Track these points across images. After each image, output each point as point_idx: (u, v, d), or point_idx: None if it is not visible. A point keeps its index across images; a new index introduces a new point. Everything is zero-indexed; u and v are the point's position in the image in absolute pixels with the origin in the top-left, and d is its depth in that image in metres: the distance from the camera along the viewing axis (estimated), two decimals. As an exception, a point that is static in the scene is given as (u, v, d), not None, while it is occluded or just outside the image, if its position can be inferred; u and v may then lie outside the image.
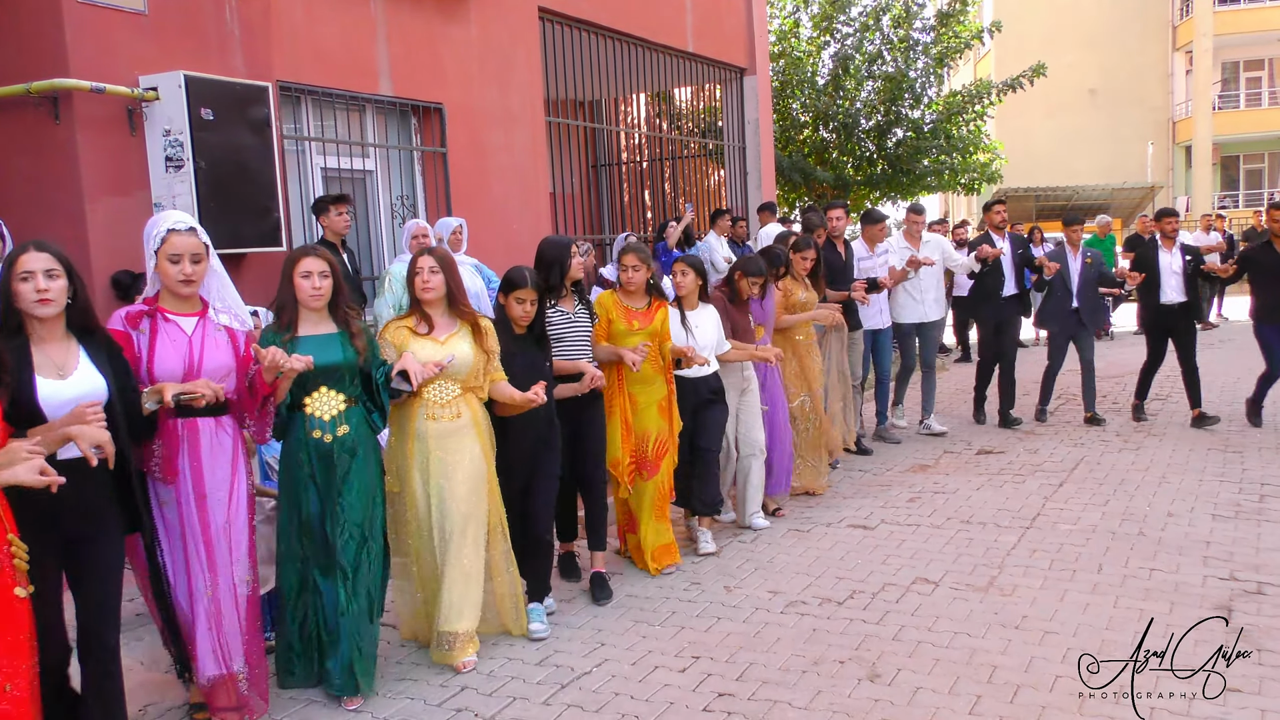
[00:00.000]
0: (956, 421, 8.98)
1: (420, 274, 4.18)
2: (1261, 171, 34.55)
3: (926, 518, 6.02)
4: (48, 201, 5.31)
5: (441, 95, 7.45)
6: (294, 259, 3.84)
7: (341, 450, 3.84)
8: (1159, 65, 34.46)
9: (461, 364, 4.15)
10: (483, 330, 4.25)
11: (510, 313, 4.53)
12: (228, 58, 5.92)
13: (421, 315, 4.20)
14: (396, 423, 4.20)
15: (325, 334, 3.87)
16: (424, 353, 4.07)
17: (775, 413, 6.22)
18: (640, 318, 5.19)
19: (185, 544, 3.50)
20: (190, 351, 3.49)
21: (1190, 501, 6.05)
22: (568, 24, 8.92)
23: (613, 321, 5.15)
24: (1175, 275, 8.14)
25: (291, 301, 3.83)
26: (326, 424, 3.83)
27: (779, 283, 6.40)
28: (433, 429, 4.14)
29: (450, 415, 4.16)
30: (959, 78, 23.76)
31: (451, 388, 4.17)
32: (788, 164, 15.36)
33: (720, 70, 11.62)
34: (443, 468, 4.13)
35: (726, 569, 5.30)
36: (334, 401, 3.85)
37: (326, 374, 3.82)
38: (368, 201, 7.37)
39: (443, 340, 4.15)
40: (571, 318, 4.91)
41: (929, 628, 4.37)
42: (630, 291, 5.22)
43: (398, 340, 4.15)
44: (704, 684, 3.94)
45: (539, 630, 4.51)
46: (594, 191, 11.52)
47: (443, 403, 4.15)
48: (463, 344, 4.17)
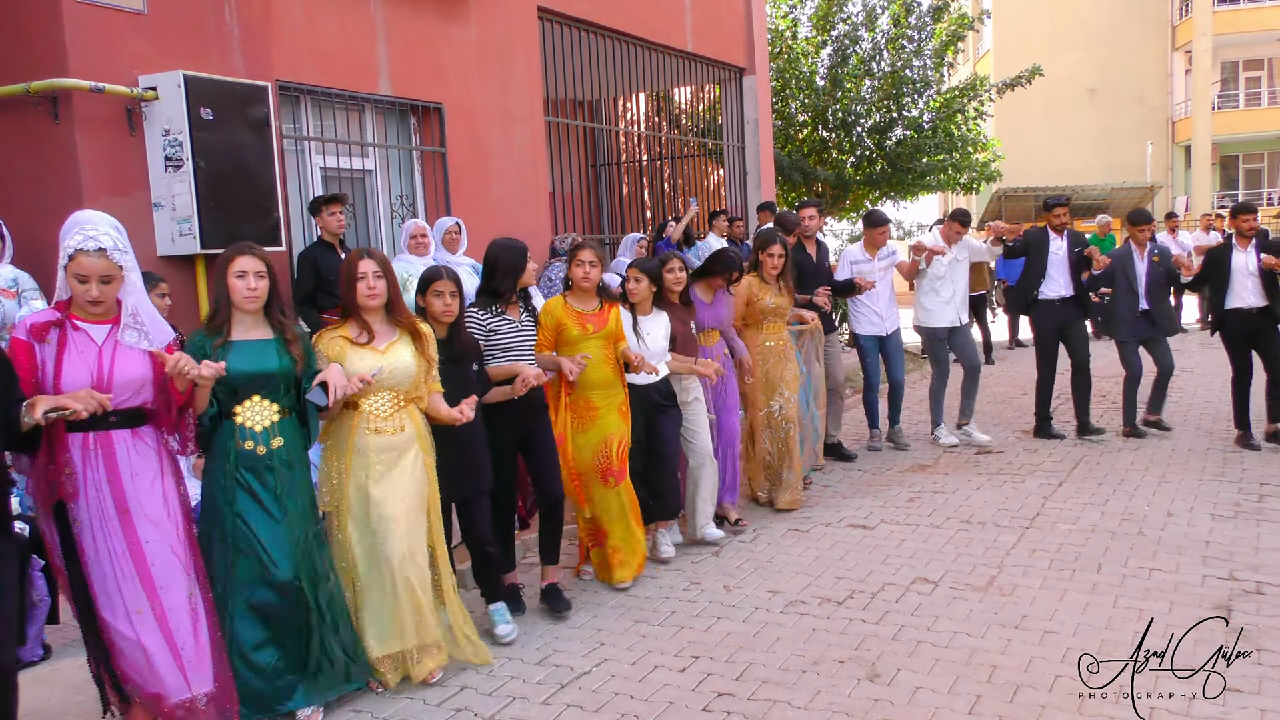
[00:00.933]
0: (956, 421, 8.97)
1: (364, 279, 3.89)
2: (1261, 171, 34.57)
3: (926, 517, 6.02)
4: (47, 201, 5.30)
5: (441, 95, 7.45)
6: (229, 257, 3.59)
7: (279, 463, 3.64)
8: (1158, 65, 34.48)
9: (403, 374, 3.93)
10: (423, 337, 4.02)
11: (431, 310, 4.26)
12: (227, 57, 5.92)
13: (361, 323, 3.93)
14: (333, 436, 3.95)
15: (259, 339, 3.64)
16: (362, 363, 3.83)
17: (725, 419, 6.01)
18: (594, 320, 4.96)
19: (111, 562, 3.29)
20: (100, 362, 3.28)
21: (1189, 501, 6.05)
22: (567, 23, 8.92)
23: (565, 328, 4.90)
24: (1251, 277, 7.28)
25: (225, 303, 3.60)
26: (259, 435, 3.60)
27: (732, 286, 6.05)
28: (375, 443, 3.90)
29: (393, 428, 3.93)
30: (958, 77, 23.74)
31: (393, 399, 3.95)
32: (787, 163, 15.37)
33: (719, 70, 11.62)
34: (385, 484, 3.90)
35: (726, 569, 5.30)
36: (267, 412, 3.63)
37: (259, 382, 3.60)
38: (367, 201, 7.38)
39: (383, 349, 3.92)
40: (519, 326, 4.70)
41: (928, 627, 4.37)
42: (582, 292, 4.98)
43: (333, 351, 3.87)
44: (704, 683, 3.94)
45: (506, 633, 4.41)
46: (593, 191, 11.52)
47: (384, 415, 3.92)
48: (404, 352, 3.95)
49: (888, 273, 7.70)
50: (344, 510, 3.91)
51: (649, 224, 11.64)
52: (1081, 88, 33.53)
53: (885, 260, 7.68)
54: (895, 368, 7.81)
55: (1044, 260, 7.76)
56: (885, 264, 7.68)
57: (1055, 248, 7.76)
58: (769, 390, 6.26)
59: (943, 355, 7.93)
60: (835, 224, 18.85)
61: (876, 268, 7.61)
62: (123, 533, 3.32)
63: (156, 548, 3.36)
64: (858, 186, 16.04)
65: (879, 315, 7.66)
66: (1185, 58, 33.87)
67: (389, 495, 3.89)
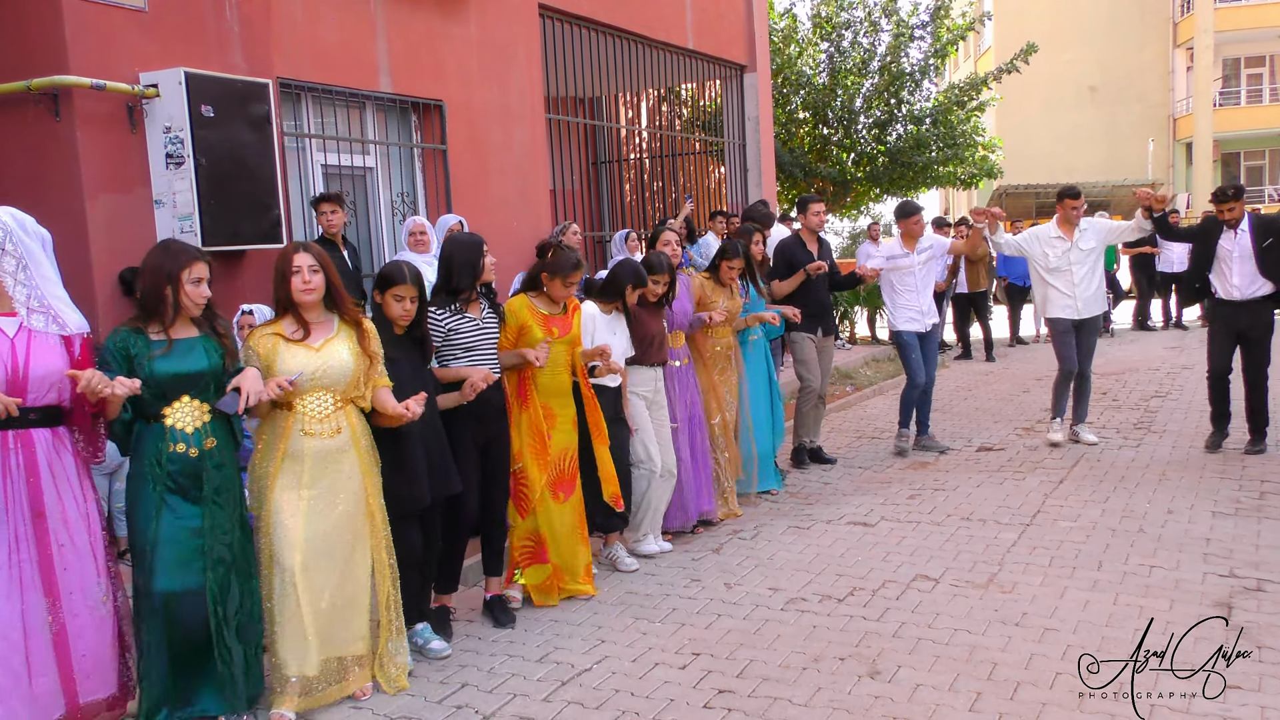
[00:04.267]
0: (958, 420, 8.98)
1: (300, 273, 3.68)
2: (1262, 168, 34.55)
3: (927, 515, 6.02)
4: (48, 199, 5.30)
5: (441, 92, 7.45)
6: (184, 264, 3.46)
7: (211, 465, 3.50)
8: (1159, 62, 34.45)
9: (339, 372, 3.71)
10: (366, 332, 3.81)
11: (389, 312, 4.07)
12: (228, 55, 5.92)
13: (297, 319, 3.71)
14: (264, 437, 3.74)
15: (188, 338, 3.51)
16: (295, 362, 3.63)
17: (691, 429, 5.80)
18: (559, 323, 4.76)
19: (17, 564, 3.21)
20: (14, 356, 3.20)
21: (1190, 499, 6.05)
22: (568, 21, 8.92)
23: (528, 329, 4.68)
24: (1240, 261, 6.74)
25: (173, 306, 3.45)
26: (190, 437, 3.46)
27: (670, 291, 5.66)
28: (309, 447, 3.67)
29: (329, 430, 3.70)
30: (959, 74, 23.74)
31: (330, 399, 3.72)
32: (788, 160, 15.37)
33: (720, 67, 11.61)
34: (319, 491, 3.69)
35: (726, 566, 5.30)
36: (197, 412, 3.48)
37: (188, 382, 3.46)
38: (368, 198, 7.38)
39: (318, 347, 3.70)
40: (480, 324, 4.48)
41: (929, 625, 4.37)
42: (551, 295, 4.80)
43: (265, 349, 3.67)
44: (704, 681, 3.94)
45: (439, 648, 4.23)
46: (594, 188, 11.52)
47: (321, 416, 3.69)
48: (341, 350, 3.73)
49: (930, 266, 7.42)
50: (269, 518, 3.68)
51: (649, 222, 11.65)
52: (1082, 85, 33.53)
53: (925, 253, 7.36)
54: (930, 367, 7.55)
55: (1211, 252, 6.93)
56: (926, 256, 7.36)
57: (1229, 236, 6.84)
58: (716, 398, 6.05)
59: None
60: (836, 222, 18.85)
61: (916, 262, 7.31)
62: (34, 534, 3.25)
63: (69, 553, 3.30)
64: (858, 183, 16.06)
65: (920, 311, 7.39)
66: (1186, 55, 33.85)
67: (321, 504, 3.69)
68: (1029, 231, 7.64)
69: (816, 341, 7.14)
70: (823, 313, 7.06)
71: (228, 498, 3.56)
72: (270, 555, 3.69)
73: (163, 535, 3.44)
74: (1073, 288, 7.27)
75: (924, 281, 7.38)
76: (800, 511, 6.25)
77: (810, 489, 6.78)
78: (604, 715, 3.71)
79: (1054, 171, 29.75)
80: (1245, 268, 6.79)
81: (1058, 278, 7.30)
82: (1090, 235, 7.29)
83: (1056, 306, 7.35)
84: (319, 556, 3.70)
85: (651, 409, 5.49)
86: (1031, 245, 7.41)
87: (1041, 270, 7.38)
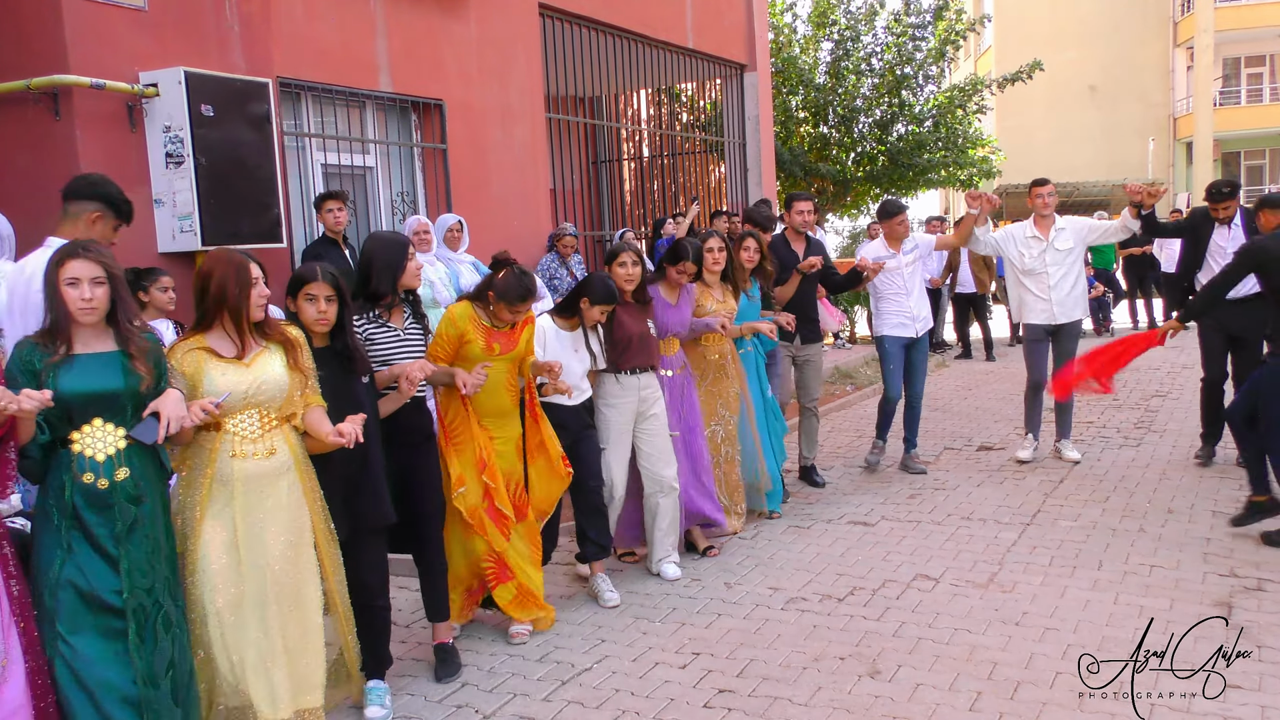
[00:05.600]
0: (958, 419, 8.98)
1: (256, 285, 3.33)
2: (1262, 168, 34.55)
3: (927, 514, 6.02)
4: (48, 198, 5.28)
5: (441, 91, 7.45)
6: (58, 261, 3.01)
7: (124, 498, 3.04)
8: (1159, 61, 34.45)
9: (273, 389, 3.33)
10: (296, 345, 3.44)
11: (302, 317, 3.64)
12: (227, 54, 5.92)
13: (230, 333, 3.31)
14: (189, 462, 3.31)
15: (101, 353, 3.06)
16: (224, 380, 3.24)
17: (692, 439, 5.42)
18: (502, 340, 4.30)
19: None
20: None
21: (1190, 498, 6.05)
22: (568, 20, 8.91)
23: (468, 342, 4.25)
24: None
25: (62, 312, 3.02)
26: (100, 465, 3.00)
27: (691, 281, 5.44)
28: (240, 470, 3.27)
29: (263, 452, 3.31)
30: (959, 74, 23.75)
31: (262, 418, 3.34)
32: (788, 159, 15.37)
33: (720, 66, 11.61)
34: (254, 519, 3.29)
35: (727, 565, 5.30)
36: (110, 438, 3.03)
37: (100, 404, 3.01)
38: (368, 198, 7.38)
39: (249, 362, 3.31)
40: (401, 335, 4.05)
41: (929, 624, 4.37)
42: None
43: (190, 366, 3.26)
44: (704, 680, 3.94)
45: (379, 716, 3.81)
46: (594, 188, 11.52)
47: (252, 437, 3.31)
48: (272, 364, 3.36)
49: (917, 267, 6.95)
50: (194, 551, 3.25)
51: (649, 220, 11.65)
52: (1083, 84, 33.53)
53: (911, 253, 6.88)
54: (916, 379, 6.99)
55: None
56: (912, 257, 6.88)
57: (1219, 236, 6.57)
58: (709, 409, 5.64)
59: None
60: (836, 221, 18.83)
61: (903, 263, 6.85)
62: None
63: None
64: (858, 183, 16.06)
65: (909, 316, 6.83)
66: (1187, 54, 33.85)
67: (259, 533, 3.30)
68: (1004, 230, 7.22)
69: (794, 350, 6.68)
70: (802, 319, 6.44)
71: (145, 536, 3.08)
72: (200, 599, 3.24)
73: (65, 578, 2.98)
74: (1048, 290, 6.84)
75: (912, 283, 6.87)
76: (800, 511, 6.25)
77: (810, 488, 6.77)
78: (604, 715, 3.71)
79: (1054, 171, 29.58)
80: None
81: (1033, 280, 6.90)
82: (1068, 235, 6.87)
83: (1032, 311, 6.96)
84: (257, 597, 3.28)
85: (643, 421, 5.06)
86: (1007, 245, 7.03)
87: (1017, 271, 7.01)
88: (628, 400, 5.00)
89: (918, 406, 7.10)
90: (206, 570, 3.23)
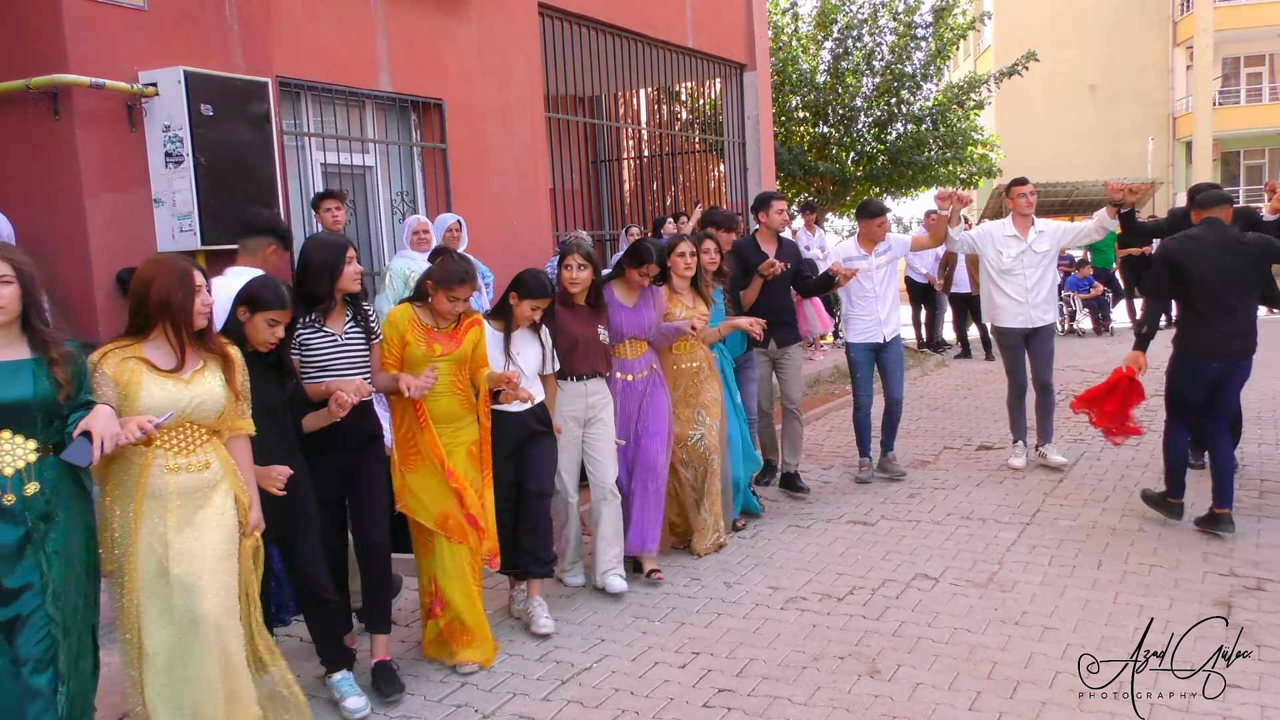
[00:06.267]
0: (958, 419, 8.98)
1: (199, 293, 3.14)
2: (1262, 167, 34.56)
3: (926, 514, 6.02)
4: (47, 198, 5.30)
5: (441, 91, 7.45)
6: None
7: (33, 515, 2.86)
8: (1159, 61, 34.47)
9: (211, 407, 3.17)
10: (234, 363, 3.27)
11: (255, 335, 3.53)
12: (227, 53, 5.92)
13: (169, 343, 3.13)
14: (115, 477, 3.12)
15: (12, 360, 2.88)
16: (162, 394, 3.06)
17: (646, 444, 5.07)
18: (443, 341, 4.10)
19: None
20: None
21: (1190, 497, 6.04)
22: (567, 20, 8.92)
23: (408, 345, 4.07)
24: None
25: None
26: (7, 480, 2.83)
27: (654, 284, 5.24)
28: (175, 484, 3.11)
29: (197, 465, 3.16)
30: (959, 73, 23.76)
31: (197, 431, 3.18)
32: (788, 159, 15.37)
33: (720, 66, 11.61)
34: (190, 533, 3.12)
35: (726, 565, 5.30)
36: (20, 450, 2.86)
37: (8, 414, 2.84)
38: (367, 197, 7.38)
39: (188, 379, 3.13)
40: (339, 340, 3.90)
41: (929, 624, 4.37)
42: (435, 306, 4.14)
43: (124, 376, 3.04)
44: (704, 680, 3.94)
45: (357, 708, 3.75)
46: (594, 187, 11.52)
47: (187, 449, 3.15)
48: (212, 382, 3.18)
49: (890, 270, 6.78)
50: (132, 570, 3.08)
51: (649, 220, 11.66)
52: (1082, 84, 33.55)
53: (885, 255, 6.71)
54: (893, 384, 6.78)
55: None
56: (886, 259, 6.72)
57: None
58: (688, 416, 5.42)
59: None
60: (835, 220, 18.81)
61: (874, 265, 6.65)
62: None
63: None
64: (858, 182, 16.06)
65: (877, 320, 6.64)
66: (1186, 53, 33.86)
67: (196, 547, 3.12)
68: (980, 228, 7.01)
69: (771, 354, 6.45)
70: (777, 321, 6.22)
71: (53, 558, 2.90)
72: (136, 617, 3.09)
73: None
74: (1025, 293, 6.66)
75: (883, 287, 6.65)
76: (800, 510, 6.25)
77: (810, 488, 6.77)
78: (604, 714, 3.71)
79: (1054, 170, 29.74)
80: None
81: (1010, 281, 6.70)
82: (1046, 238, 6.72)
83: (1007, 315, 6.76)
84: (189, 614, 3.10)
85: (590, 426, 4.84)
86: (984, 244, 6.79)
87: (993, 272, 6.77)
88: (573, 407, 4.80)
89: (897, 411, 6.88)
90: (143, 589, 3.08)
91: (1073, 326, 15.20)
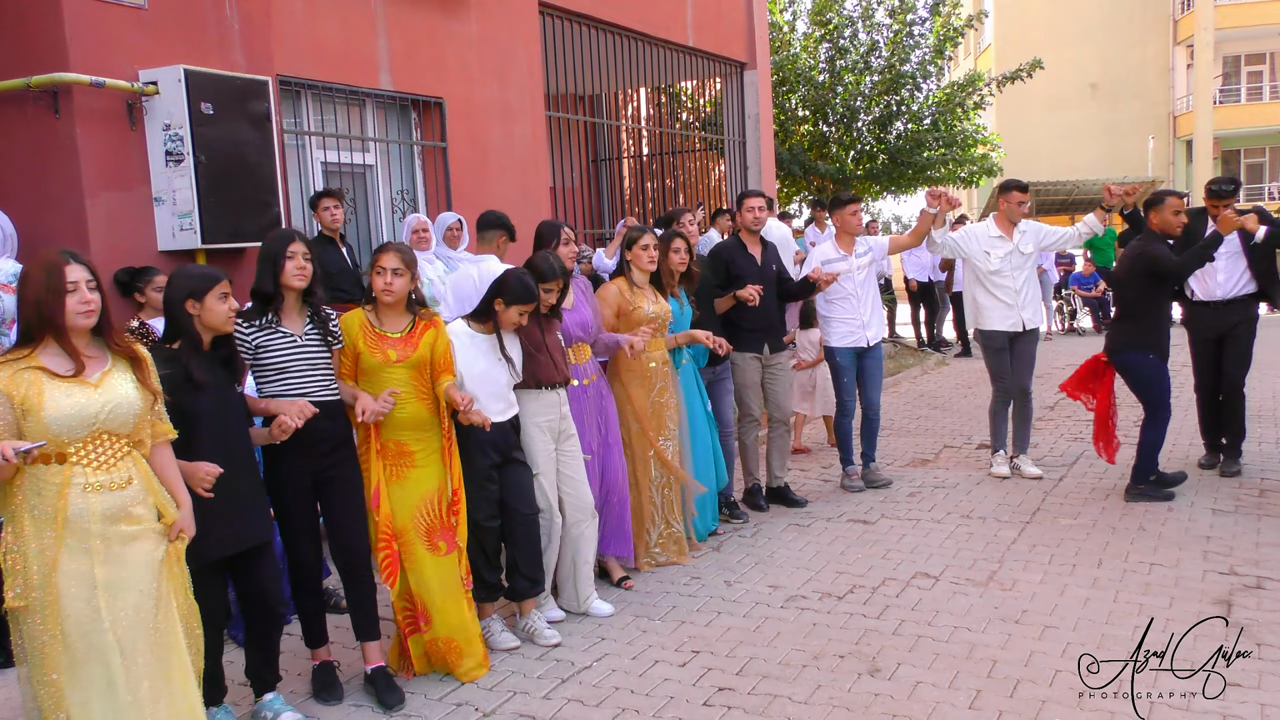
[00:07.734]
0: (958, 418, 8.98)
1: (76, 290, 2.83)
2: (1262, 166, 34.58)
3: (926, 512, 6.02)
4: (48, 196, 5.30)
5: (442, 90, 7.45)
6: None
7: None
8: (1159, 59, 34.47)
9: (126, 412, 2.90)
10: (144, 364, 3.01)
11: (211, 318, 3.36)
12: (227, 52, 5.92)
13: (67, 349, 2.85)
14: (25, 500, 2.80)
15: None
16: (69, 402, 2.79)
17: (609, 456, 4.92)
18: (397, 346, 3.88)
19: None
20: None
21: (1190, 496, 6.05)
22: (568, 18, 8.91)
23: (360, 353, 3.87)
24: (1230, 258, 6.25)
25: None
26: None
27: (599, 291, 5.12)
28: (97, 506, 2.82)
29: (118, 482, 2.88)
30: (959, 72, 23.74)
31: (114, 444, 2.90)
32: (788, 158, 15.37)
33: (720, 64, 11.61)
34: (114, 559, 2.85)
35: (726, 564, 5.30)
36: None
37: None
38: (368, 196, 7.37)
39: (96, 382, 2.87)
40: (298, 341, 3.70)
41: (929, 622, 4.37)
42: (386, 306, 3.90)
43: (21, 389, 2.76)
44: (704, 678, 3.95)
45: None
46: (594, 186, 11.52)
47: (107, 465, 2.87)
48: (122, 384, 2.92)
49: (869, 271, 6.49)
50: (51, 604, 2.78)
51: (649, 219, 11.66)
52: (1083, 82, 33.56)
53: (864, 255, 6.44)
54: (871, 389, 6.56)
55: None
56: (865, 259, 6.43)
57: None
58: (658, 423, 5.17)
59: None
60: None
61: (854, 266, 6.38)
62: None
63: None
64: (858, 181, 16.06)
65: (859, 323, 6.42)
66: (1187, 52, 33.86)
67: (127, 572, 2.87)
68: (964, 230, 6.85)
69: (764, 361, 6.19)
70: (768, 327, 6.09)
71: None
72: (58, 656, 2.79)
73: None
74: (1015, 295, 6.49)
75: (864, 288, 6.42)
76: (800, 510, 6.25)
77: (810, 487, 6.77)
78: (604, 713, 3.72)
79: (1055, 169, 29.75)
80: (1234, 265, 6.33)
81: (999, 283, 6.51)
82: (1029, 238, 6.59)
83: (995, 318, 6.56)
84: (137, 650, 2.87)
85: (560, 440, 4.58)
86: (970, 245, 6.61)
87: (980, 274, 6.58)
88: (548, 419, 4.53)
89: (875, 418, 6.69)
90: (66, 623, 2.79)
91: (1073, 325, 15.20)
